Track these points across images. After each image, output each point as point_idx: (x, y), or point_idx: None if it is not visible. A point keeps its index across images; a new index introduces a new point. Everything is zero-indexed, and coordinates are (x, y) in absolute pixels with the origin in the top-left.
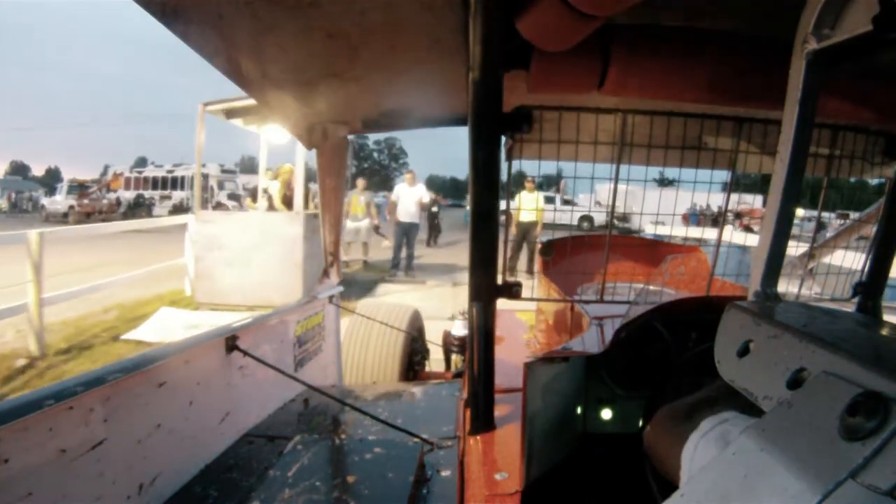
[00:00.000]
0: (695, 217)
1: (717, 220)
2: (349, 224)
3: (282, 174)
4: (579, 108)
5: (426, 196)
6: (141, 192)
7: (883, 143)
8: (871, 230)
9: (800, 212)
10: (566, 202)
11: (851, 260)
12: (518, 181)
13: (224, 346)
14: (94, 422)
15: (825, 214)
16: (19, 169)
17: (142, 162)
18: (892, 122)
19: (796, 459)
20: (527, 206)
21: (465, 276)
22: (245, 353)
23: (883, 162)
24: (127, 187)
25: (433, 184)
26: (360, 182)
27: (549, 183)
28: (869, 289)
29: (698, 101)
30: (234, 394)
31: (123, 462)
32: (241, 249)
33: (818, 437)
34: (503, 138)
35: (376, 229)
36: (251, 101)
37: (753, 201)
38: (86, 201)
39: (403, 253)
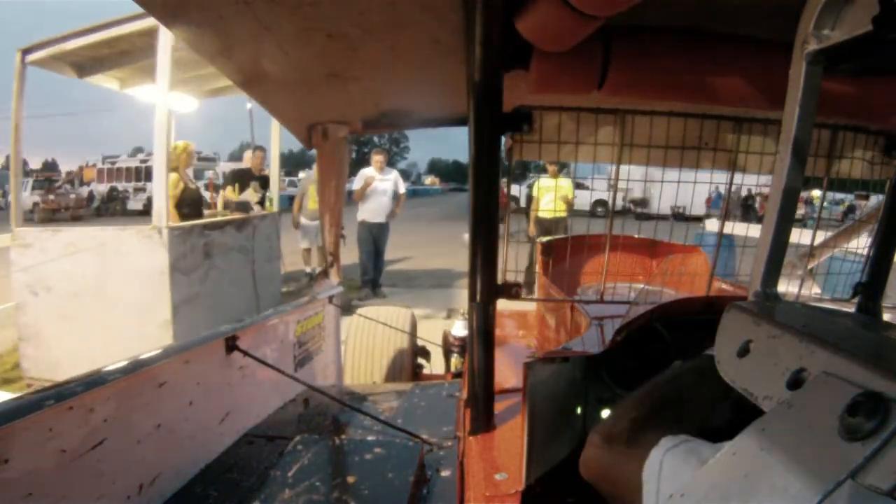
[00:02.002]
0: (718, 201)
1: (747, 203)
2: (304, 222)
3: (176, 159)
4: (579, 108)
5: (402, 186)
6: (114, 184)
7: (883, 143)
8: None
9: (815, 192)
10: (577, 186)
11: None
12: (523, 167)
13: (224, 346)
14: (94, 422)
15: (845, 196)
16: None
17: (139, 151)
18: (892, 122)
19: (796, 459)
20: (548, 197)
21: (464, 296)
22: (245, 354)
23: (883, 162)
24: (100, 180)
25: (436, 168)
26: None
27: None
28: (869, 289)
29: (698, 102)
30: (234, 394)
31: (123, 462)
32: (76, 293)
33: (818, 437)
34: (503, 138)
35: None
36: (102, 36)
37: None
38: (51, 197)
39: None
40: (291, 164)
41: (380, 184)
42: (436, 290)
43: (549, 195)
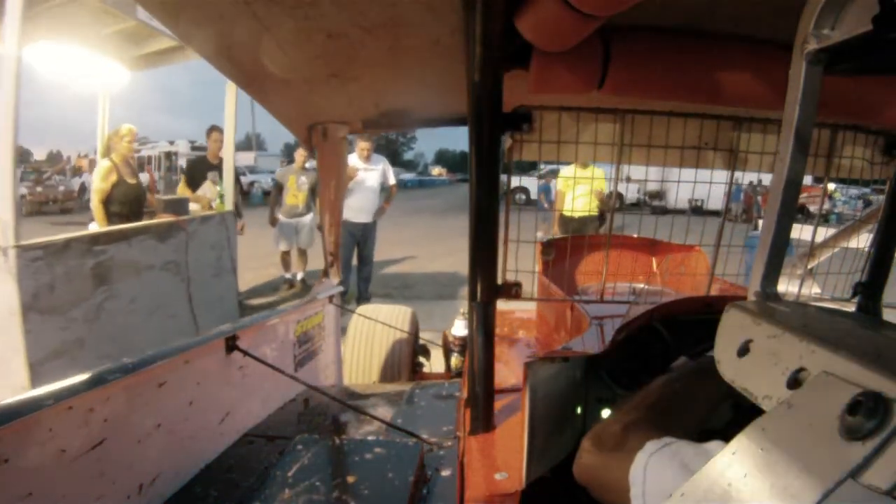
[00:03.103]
0: (738, 194)
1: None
2: (282, 220)
3: (117, 145)
4: (579, 108)
5: (391, 177)
6: None
7: (883, 142)
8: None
9: (830, 186)
10: None
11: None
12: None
13: (224, 346)
14: (94, 422)
15: (865, 190)
16: (19, 154)
17: (144, 141)
18: (892, 122)
19: (796, 459)
20: (579, 193)
21: None
22: (245, 353)
23: (883, 162)
24: (92, 170)
25: (443, 159)
26: (300, 156)
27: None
28: (869, 289)
29: (698, 102)
30: (234, 394)
31: (123, 462)
32: None
33: (818, 437)
34: (503, 138)
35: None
36: None
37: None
38: (39, 189)
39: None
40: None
41: (365, 175)
42: (438, 304)
43: (580, 188)
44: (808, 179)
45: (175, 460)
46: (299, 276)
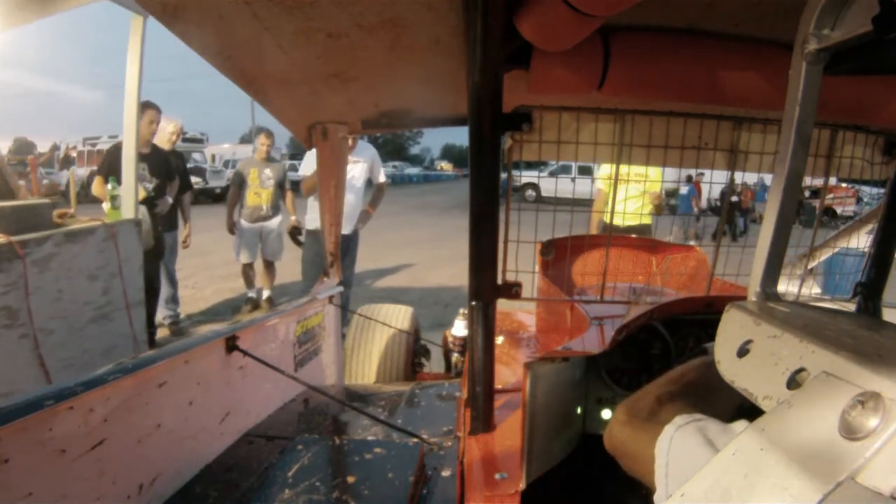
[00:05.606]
0: (763, 194)
1: (816, 193)
2: (244, 225)
3: None
4: (579, 108)
5: (381, 174)
6: (95, 167)
7: (883, 143)
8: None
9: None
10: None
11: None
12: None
13: (224, 346)
14: (94, 422)
15: (875, 191)
16: (24, 146)
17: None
18: (892, 121)
19: (796, 459)
20: (629, 194)
21: None
22: (245, 353)
23: (883, 162)
24: (80, 163)
25: (449, 153)
26: (263, 142)
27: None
28: (869, 289)
29: (698, 102)
30: (234, 394)
31: (123, 462)
32: None
33: (818, 438)
34: (503, 138)
35: (295, 234)
36: None
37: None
38: (22, 182)
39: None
40: (297, 145)
41: (348, 169)
42: (438, 333)
43: (630, 189)
44: (831, 180)
45: (175, 460)
46: (265, 293)
